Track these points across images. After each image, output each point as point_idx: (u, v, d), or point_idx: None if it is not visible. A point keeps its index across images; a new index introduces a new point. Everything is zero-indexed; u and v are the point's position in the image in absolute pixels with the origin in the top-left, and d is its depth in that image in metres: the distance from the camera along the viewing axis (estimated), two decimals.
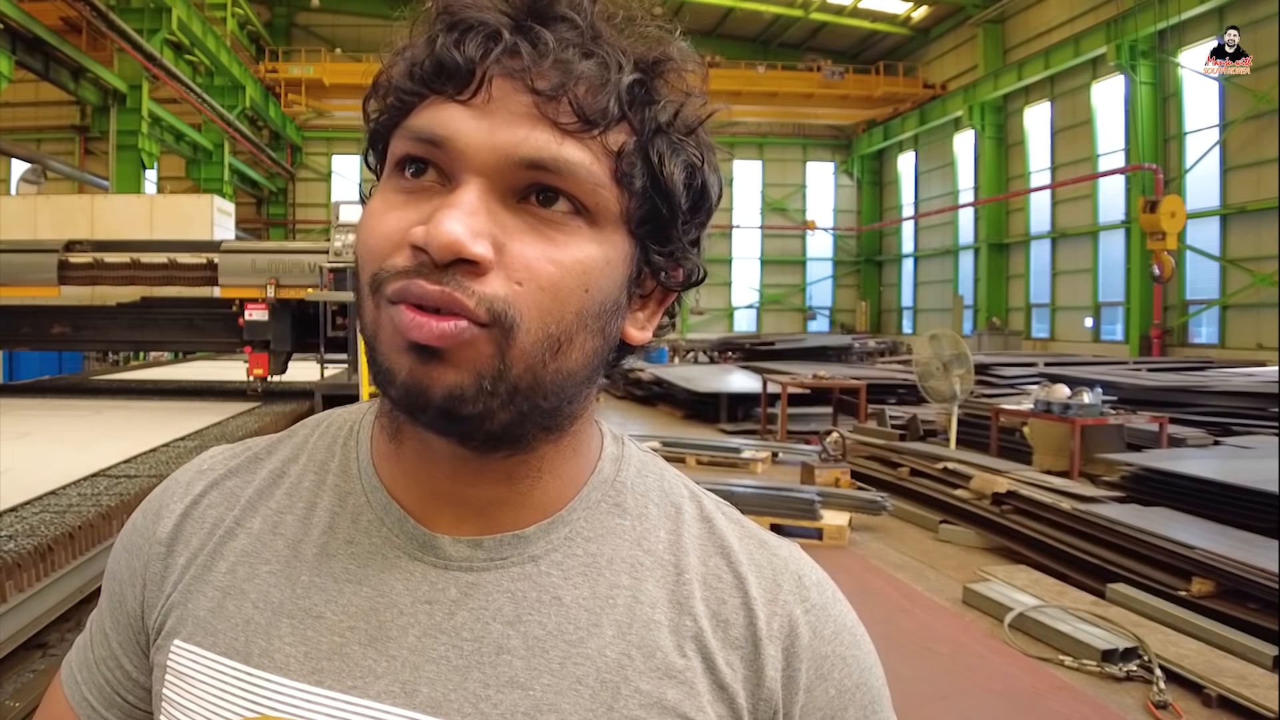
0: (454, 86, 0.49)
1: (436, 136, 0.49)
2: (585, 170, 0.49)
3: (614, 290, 0.52)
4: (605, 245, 0.51)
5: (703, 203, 0.54)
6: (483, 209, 0.48)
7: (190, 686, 0.55)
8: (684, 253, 0.55)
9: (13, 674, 2.88)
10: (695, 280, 0.57)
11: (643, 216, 0.52)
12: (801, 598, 0.58)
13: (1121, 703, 3.53)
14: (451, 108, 0.49)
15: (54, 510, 3.51)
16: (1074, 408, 7.31)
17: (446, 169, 0.50)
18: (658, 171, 0.51)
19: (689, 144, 0.53)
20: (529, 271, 0.49)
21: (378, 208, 0.51)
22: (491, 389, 0.49)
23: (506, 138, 0.48)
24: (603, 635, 0.54)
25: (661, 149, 0.51)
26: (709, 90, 0.55)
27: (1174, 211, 14.35)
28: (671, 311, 0.59)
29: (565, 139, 0.49)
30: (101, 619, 0.64)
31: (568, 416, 0.55)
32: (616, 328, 0.54)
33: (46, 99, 20.87)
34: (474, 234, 0.47)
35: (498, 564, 0.55)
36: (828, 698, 0.57)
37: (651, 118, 0.51)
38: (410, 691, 0.52)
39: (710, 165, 0.54)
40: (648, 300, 0.57)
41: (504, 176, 0.49)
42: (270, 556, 0.57)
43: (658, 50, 0.52)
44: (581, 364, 0.52)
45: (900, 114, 26.50)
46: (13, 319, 9.27)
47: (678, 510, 0.60)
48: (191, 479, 0.63)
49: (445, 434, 0.52)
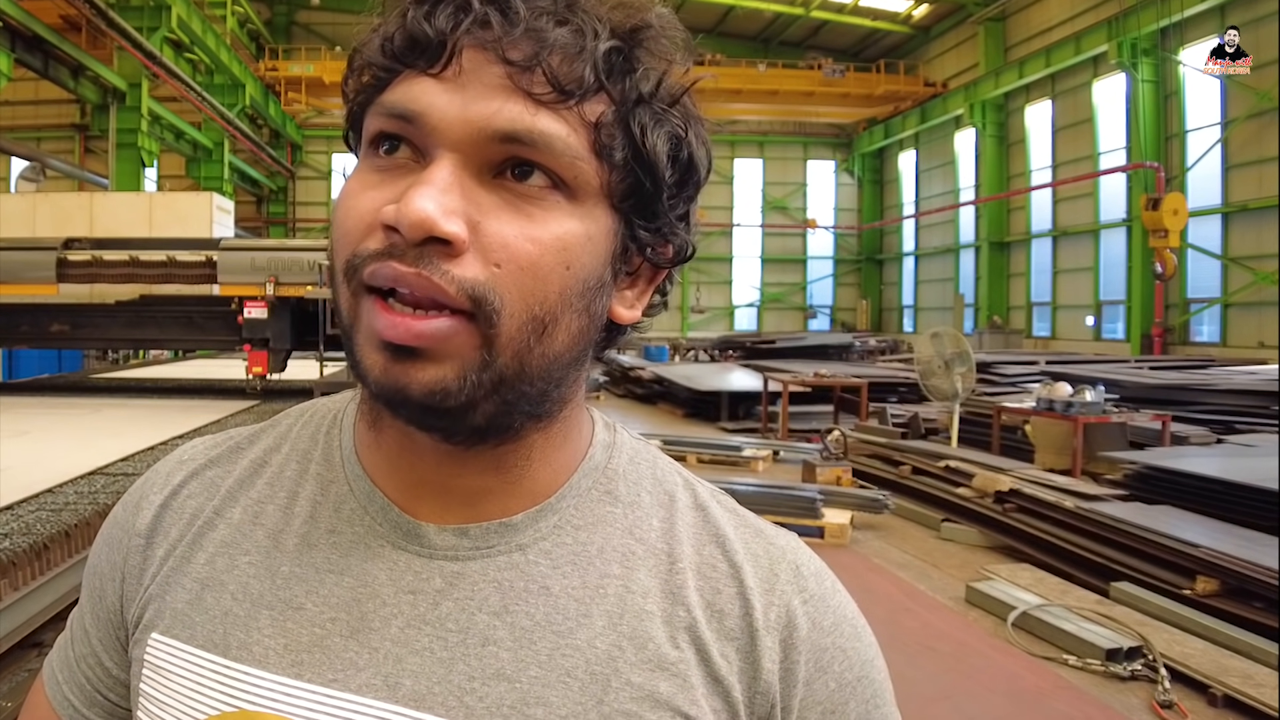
0: (425, 60, 0.48)
1: (408, 111, 0.48)
2: (562, 142, 0.47)
3: (597, 267, 0.50)
4: (586, 220, 0.49)
5: (690, 175, 0.52)
6: (456, 185, 0.47)
7: (167, 680, 0.54)
8: (671, 228, 0.53)
9: (8, 673, 2.86)
10: (685, 257, 0.55)
11: (625, 190, 0.50)
12: (800, 588, 0.56)
13: (1126, 702, 3.51)
14: (424, 82, 0.48)
15: (50, 508, 3.50)
16: (1076, 406, 7.30)
17: (420, 145, 0.48)
18: (639, 143, 0.49)
19: (673, 114, 0.51)
20: (507, 251, 0.47)
21: (352, 188, 0.50)
22: (476, 380, 0.47)
23: (479, 110, 0.47)
24: (593, 626, 0.52)
25: (643, 120, 0.50)
26: (708, 88, 0.53)
27: (1176, 209, 14.33)
28: (663, 290, 0.57)
29: (540, 110, 0.47)
30: (82, 616, 0.63)
31: (556, 401, 0.53)
32: (603, 306, 0.52)
33: (46, 97, 20.92)
34: (446, 211, 0.46)
35: (484, 553, 0.53)
36: (828, 691, 0.55)
37: (632, 87, 0.49)
38: (393, 684, 0.50)
39: (698, 137, 0.52)
40: (636, 278, 0.55)
41: (478, 151, 0.47)
42: (250, 547, 0.56)
43: (636, 17, 0.50)
44: (568, 345, 0.50)
45: (901, 112, 26.51)
46: (12, 317, 9.27)
47: (671, 498, 0.58)
48: (171, 470, 0.62)
49: (427, 429, 0.51)
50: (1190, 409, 8.89)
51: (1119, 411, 7.79)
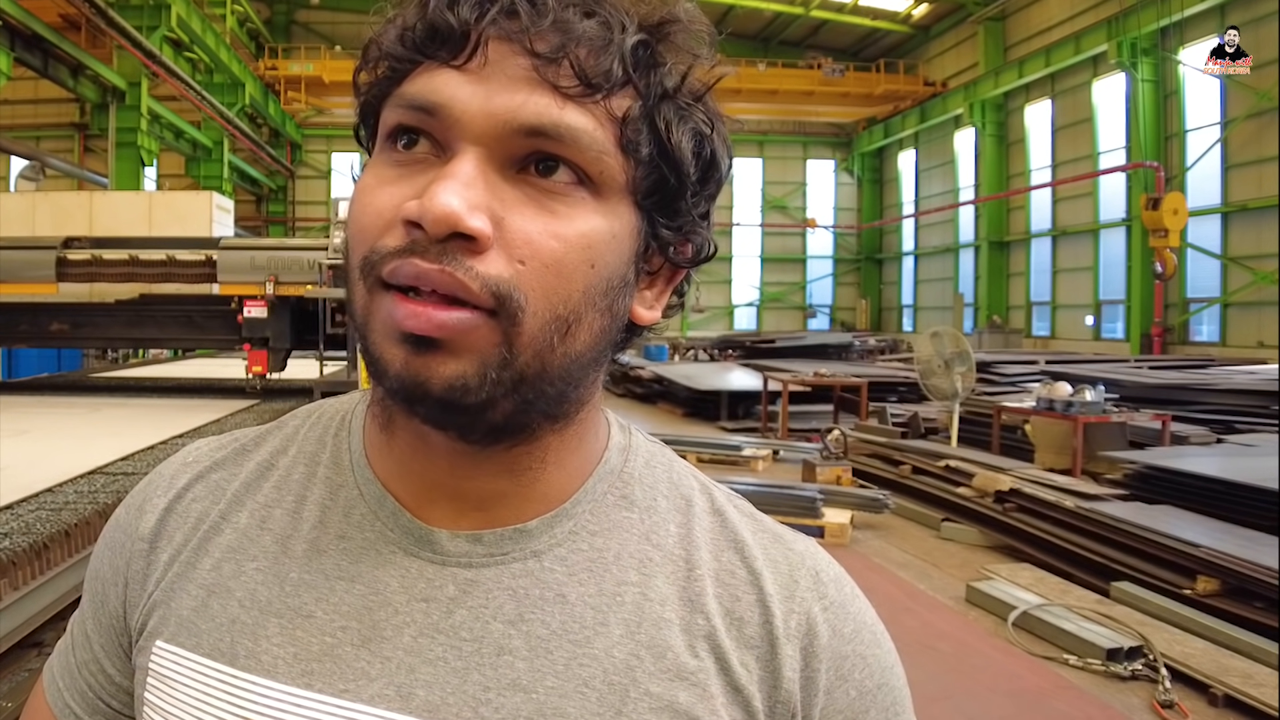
0: (448, 51, 0.46)
1: (430, 104, 0.46)
2: (589, 137, 0.46)
3: (621, 266, 0.49)
4: (610, 218, 0.48)
5: (712, 173, 0.51)
6: (480, 180, 0.45)
7: (172, 690, 0.52)
8: (693, 226, 0.52)
9: (7, 673, 2.86)
10: (705, 256, 0.54)
11: (649, 187, 0.49)
12: (820, 595, 0.55)
13: (1126, 702, 3.51)
14: (446, 73, 0.46)
15: (50, 508, 3.49)
16: (1076, 405, 7.29)
17: (441, 139, 0.47)
18: (664, 139, 0.48)
19: (697, 110, 0.50)
20: (531, 248, 0.46)
21: (369, 183, 0.49)
22: (496, 377, 0.46)
23: (504, 103, 0.46)
24: (610, 635, 0.51)
25: (668, 115, 0.49)
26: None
27: (1176, 209, 14.32)
28: (680, 291, 0.56)
29: (567, 104, 0.46)
30: (83, 620, 0.61)
31: (573, 403, 0.52)
32: (625, 305, 0.51)
33: (46, 96, 20.88)
34: (471, 206, 0.44)
35: (498, 559, 0.52)
36: (848, 700, 0.54)
37: (657, 82, 0.48)
38: (406, 695, 0.49)
39: (720, 135, 0.52)
40: (656, 278, 0.54)
41: (502, 145, 0.46)
42: (257, 553, 0.55)
43: (663, 11, 0.49)
44: (589, 345, 0.49)
45: (901, 112, 26.49)
46: (11, 316, 9.26)
47: (688, 503, 0.57)
48: (175, 472, 0.60)
49: (444, 427, 0.49)
50: (1190, 409, 8.88)
51: (1119, 411, 7.78)
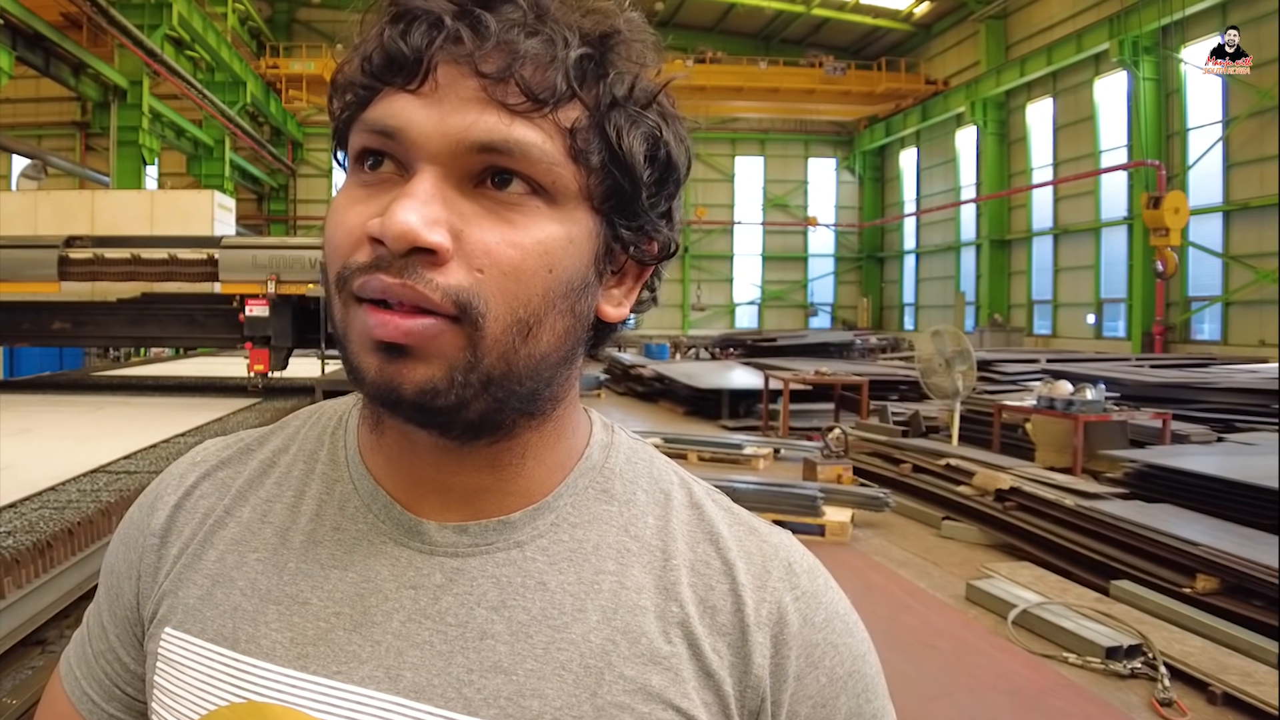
0: (403, 77, 0.49)
1: (389, 127, 0.50)
2: (538, 150, 0.49)
3: (581, 268, 0.52)
4: (567, 223, 0.51)
5: (669, 173, 0.54)
6: (438, 196, 0.48)
7: (179, 673, 0.56)
8: (653, 226, 0.55)
9: (11, 671, 2.86)
10: (669, 253, 0.56)
11: (605, 192, 0.52)
12: (791, 585, 0.57)
13: (1126, 700, 3.52)
14: (403, 98, 0.49)
15: (53, 506, 3.50)
16: (1076, 404, 7.30)
17: (402, 159, 0.50)
18: (615, 145, 0.51)
19: (648, 115, 0.52)
20: (489, 257, 0.49)
21: (341, 203, 0.52)
22: (464, 380, 0.49)
23: (456, 123, 0.48)
24: (587, 621, 0.53)
25: (619, 122, 0.51)
26: (709, 85, 0.53)
27: (1178, 207, 14.32)
28: (651, 286, 0.59)
29: (515, 119, 0.49)
30: (99, 613, 0.65)
31: (548, 400, 0.55)
32: (589, 306, 0.54)
33: (47, 95, 20.86)
34: (429, 222, 0.47)
35: (483, 549, 0.55)
36: (818, 686, 0.56)
37: (605, 92, 0.51)
38: (394, 676, 0.52)
39: (675, 135, 0.54)
40: (623, 276, 0.57)
41: (457, 162, 0.49)
42: (259, 544, 0.58)
43: (606, 24, 0.52)
44: (554, 345, 0.52)
45: (902, 110, 26.46)
46: (13, 315, 9.26)
47: (666, 497, 0.59)
48: (185, 471, 0.64)
49: (423, 426, 0.53)
50: (1191, 407, 8.88)
51: (1119, 410, 7.79)
